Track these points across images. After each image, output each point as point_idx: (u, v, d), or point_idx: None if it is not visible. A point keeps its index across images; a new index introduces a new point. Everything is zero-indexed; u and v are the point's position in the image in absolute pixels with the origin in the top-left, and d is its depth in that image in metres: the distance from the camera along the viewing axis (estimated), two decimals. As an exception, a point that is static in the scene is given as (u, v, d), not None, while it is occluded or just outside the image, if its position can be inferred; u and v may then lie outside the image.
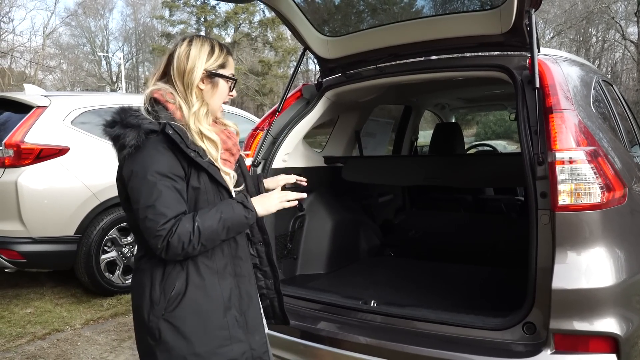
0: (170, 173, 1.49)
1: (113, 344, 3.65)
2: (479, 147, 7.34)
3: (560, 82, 2.09)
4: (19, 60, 31.66)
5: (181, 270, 1.54)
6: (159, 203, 1.45)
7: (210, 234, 1.49)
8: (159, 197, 1.46)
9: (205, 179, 1.55)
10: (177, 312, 1.52)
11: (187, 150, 1.50)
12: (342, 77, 2.90)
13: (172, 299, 1.52)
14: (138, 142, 1.48)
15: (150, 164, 1.48)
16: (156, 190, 1.46)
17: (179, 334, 1.52)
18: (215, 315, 1.55)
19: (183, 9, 31.86)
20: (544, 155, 1.93)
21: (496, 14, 2.33)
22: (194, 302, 1.53)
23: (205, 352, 1.53)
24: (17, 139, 4.17)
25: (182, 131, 1.52)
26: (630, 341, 1.85)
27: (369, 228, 3.70)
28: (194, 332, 1.53)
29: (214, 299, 1.56)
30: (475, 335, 2.02)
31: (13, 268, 4.25)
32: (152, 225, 1.45)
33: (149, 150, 1.49)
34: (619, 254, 1.91)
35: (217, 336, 1.55)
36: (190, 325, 1.53)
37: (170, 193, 1.48)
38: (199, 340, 1.53)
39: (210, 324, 1.54)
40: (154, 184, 1.46)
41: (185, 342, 1.52)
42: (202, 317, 1.54)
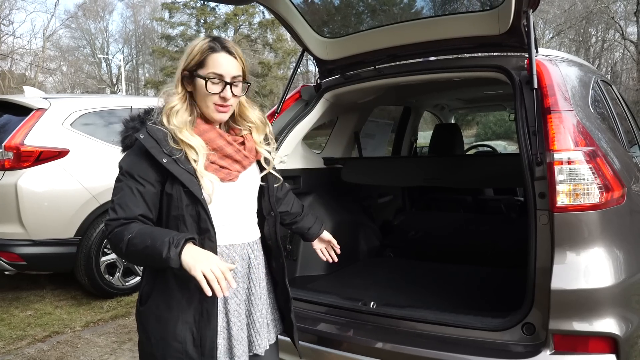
0: (137, 175, 1.52)
1: (113, 346, 3.65)
2: (479, 147, 7.34)
3: (559, 83, 2.09)
4: (19, 62, 31.71)
5: (153, 272, 1.61)
6: (116, 200, 1.53)
7: (134, 252, 1.45)
8: (118, 195, 1.54)
9: (178, 187, 1.52)
10: (145, 310, 1.60)
11: (157, 156, 1.50)
12: (340, 78, 2.90)
13: (143, 295, 1.62)
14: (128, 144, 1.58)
15: (124, 164, 1.56)
16: (118, 188, 1.55)
17: (144, 331, 1.61)
18: (172, 325, 1.55)
19: (183, 11, 31.87)
20: (543, 155, 1.93)
21: (494, 14, 2.33)
22: (156, 306, 1.58)
23: (160, 356, 1.57)
24: (16, 141, 4.18)
25: (159, 135, 1.52)
26: (629, 341, 1.84)
27: (368, 229, 3.70)
28: (153, 334, 1.58)
29: (174, 310, 1.55)
30: (475, 336, 2.02)
31: (13, 270, 4.25)
32: (108, 218, 1.53)
33: (129, 151, 1.58)
34: (618, 254, 1.91)
35: (171, 346, 1.56)
36: (151, 327, 1.59)
37: (129, 194, 1.52)
38: (156, 343, 1.57)
39: (167, 332, 1.56)
40: (119, 181, 1.55)
41: (147, 340, 1.59)
42: (160, 323, 1.57)
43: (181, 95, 1.60)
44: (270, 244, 1.79)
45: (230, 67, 1.59)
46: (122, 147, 1.60)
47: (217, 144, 1.61)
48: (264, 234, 1.78)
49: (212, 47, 1.58)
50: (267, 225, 1.77)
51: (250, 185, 1.73)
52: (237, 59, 1.61)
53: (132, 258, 1.52)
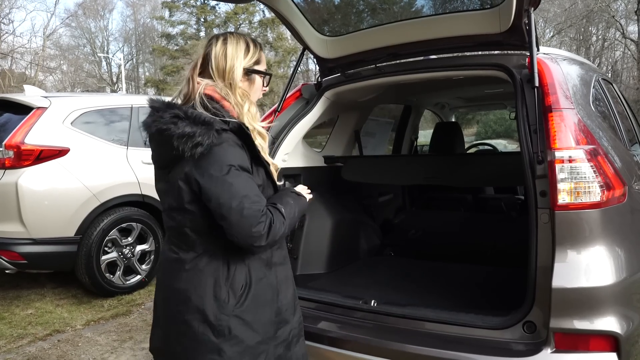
0: (247, 167, 1.54)
1: (114, 345, 3.66)
2: (479, 146, 7.34)
3: (560, 81, 2.09)
4: (19, 61, 31.69)
5: (244, 267, 1.59)
6: (252, 193, 1.49)
7: (291, 220, 1.61)
8: (251, 188, 1.50)
9: (262, 174, 1.62)
10: (245, 307, 1.57)
11: (255, 150, 1.57)
12: (341, 76, 2.90)
13: (240, 296, 1.57)
14: (213, 141, 1.46)
15: (233, 159, 1.49)
16: (246, 182, 1.50)
17: (248, 326, 1.57)
18: (272, 303, 1.64)
19: (183, 10, 31.88)
20: (544, 154, 1.93)
21: (495, 13, 2.33)
22: (257, 294, 1.60)
23: (267, 338, 1.61)
24: (17, 140, 4.18)
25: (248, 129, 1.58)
26: (630, 340, 1.84)
27: (369, 228, 3.70)
28: (258, 322, 1.59)
29: (270, 289, 1.64)
30: (476, 334, 2.02)
31: (14, 269, 4.25)
32: (252, 214, 1.46)
33: (223, 147, 1.49)
34: (619, 252, 1.91)
35: (274, 321, 1.64)
36: (255, 317, 1.59)
37: (254, 185, 1.54)
38: (262, 329, 1.60)
39: (269, 311, 1.63)
40: (240, 176, 1.49)
41: (254, 332, 1.58)
42: (264, 307, 1.62)
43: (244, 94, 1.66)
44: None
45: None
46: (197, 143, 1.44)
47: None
48: None
49: (260, 45, 1.73)
50: None
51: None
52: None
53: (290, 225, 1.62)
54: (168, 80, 32.07)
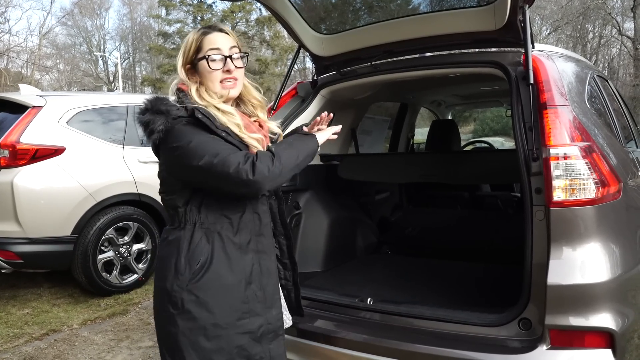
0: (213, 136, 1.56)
1: (111, 344, 3.65)
2: (476, 144, 7.34)
3: (555, 78, 2.09)
4: (15, 60, 31.53)
5: (207, 244, 1.60)
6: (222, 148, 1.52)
7: (287, 158, 1.57)
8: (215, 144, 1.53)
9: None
10: (200, 284, 1.57)
11: (217, 131, 1.56)
12: (337, 74, 2.90)
13: (196, 271, 1.58)
14: (166, 127, 1.54)
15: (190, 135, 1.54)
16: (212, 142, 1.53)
17: (201, 305, 1.57)
18: (237, 288, 1.61)
19: (180, 8, 31.75)
20: (539, 151, 1.93)
21: (490, 10, 2.33)
22: (218, 275, 1.59)
23: (225, 323, 1.59)
24: (12, 139, 4.17)
25: (209, 114, 1.59)
26: (625, 336, 1.85)
27: (365, 226, 3.70)
28: (215, 304, 1.58)
29: (237, 273, 1.61)
30: (472, 331, 2.02)
31: (10, 269, 4.25)
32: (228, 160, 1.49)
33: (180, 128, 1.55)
34: (614, 249, 1.91)
35: (237, 309, 1.60)
36: (212, 297, 1.58)
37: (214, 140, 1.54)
38: (220, 312, 1.58)
39: (231, 297, 1.60)
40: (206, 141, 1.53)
41: (207, 312, 1.57)
42: (224, 290, 1.59)
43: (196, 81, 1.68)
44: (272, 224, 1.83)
45: (225, 41, 1.69)
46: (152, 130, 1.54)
47: (245, 122, 1.69)
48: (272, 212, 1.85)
49: (205, 32, 1.70)
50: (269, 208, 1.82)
51: None
52: (230, 34, 1.72)
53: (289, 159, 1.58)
54: (165, 79, 31.99)
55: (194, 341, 1.58)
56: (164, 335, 1.65)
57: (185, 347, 1.58)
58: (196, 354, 1.57)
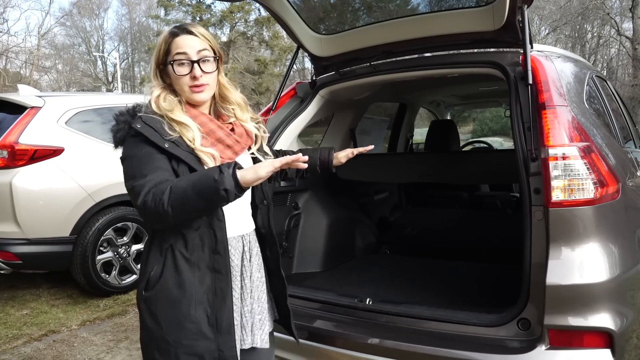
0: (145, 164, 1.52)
1: (110, 345, 3.65)
2: (475, 144, 7.35)
3: (553, 78, 2.09)
4: (14, 61, 31.53)
5: (159, 257, 1.56)
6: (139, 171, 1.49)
7: (181, 193, 1.41)
8: (140, 166, 1.50)
9: (184, 168, 1.54)
10: (152, 295, 1.56)
11: (159, 142, 1.52)
12: (336, 75, 2.90)
13: (149, 282, 1.56)
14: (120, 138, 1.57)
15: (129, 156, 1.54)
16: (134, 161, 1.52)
17: (152, 317, 1.56)
18: (185, 306, 1.54)
19: (178, 8, 31.74)
20: (537, 151, 1.93)
21: (489, 10, 2.33)
22: (167, 289, 1.54)
23: (172, 340, 1.54)
24: (11, 139, 4.16)
25: (155, 122, 1.55)
26: (624, 336, 1.85)
27: (364, 226, 3.70)
28: (164, 319, 1.54)
29: (187, 290, 1.54)
30: (471, 332, 2.02)
31: (8, 269, 4.24)
32: (135, 188, 1.47)
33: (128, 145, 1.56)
34: (613, 249, 1.91)
35: (185, 328, 1.54)
36: (161, 311, 1.55)
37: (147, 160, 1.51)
38: (168, 327, 1.54)
39: (180, 314, 1.54)
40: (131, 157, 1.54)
41: (157, 326, 1.55)
42: (172, 306, 1.54)
43: (162, 86, 1.65)
44: (263, 232, 1.78)
45: (193, 44, 1.61)
46: (114, 141, 1.58)
47: (208, 127, 1.63)
48: (256, 223, 1.77)
49: (174, 33, 1.63)
50: (260, 214, 1.77)
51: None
52: (200, 36, 1.63)
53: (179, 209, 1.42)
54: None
55: (151, 353, 1.58)
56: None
57: (146, 355, 1.62)
58: None
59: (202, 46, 1.62)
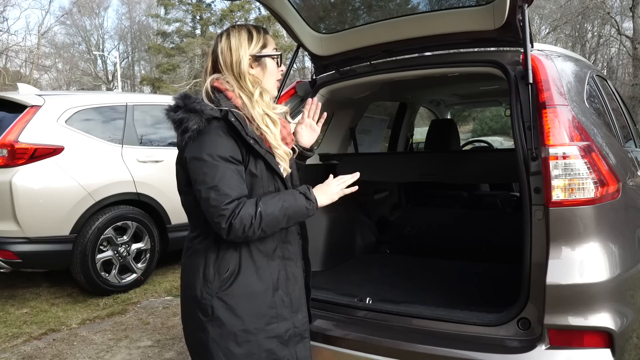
0: (231, 157, 1.55)
1: (109, 344, 3.65)
2: (475, 143, 7.35)
3: (554, 78, 2.09)
4: (14, 59, 31.53)
5: (234, 252, 1.62)
6: (222, 184, 1.52)
7: (271, 220, 1.55)
8: (222, 179, 1.52)
9: (262, 166, 1.61)
10: (230, 291, 1.60)
11: (246, 138, 1.56)
12: (336, 74, 2.89)
13: (225, 279, 1.60)
14: (200, 127, 1.54)
15: (214, 148, 1.54)
16: (219, 172, 1.52)
17: (231, 312, 1.60)
18: (264, 295, 1.63)
19: (178, 7, 31.74)
20: (538, 150, 1.93)
21: (489, 9, 2.33)
22: (247, 282, 1.61)
23: (254, 328, 1.62)
24: (11, 138, 4.17)
25: (242, 119, 1.59)
26: (624, 335, 1.85)
27: (364, 225, 3.70)
28: (244, 310, 1.61)
29: (264, 280, 1.64)
30: (471, 331, 2.02)
31: (8, 268, 4.25)
32: (216, 205, 1.51)
33: (211, 134, 1.55)
34: (613, 248, 1.91)
35: (265, 314, 1.63)
36: (241, 304, 1.60)
37: (232, 175, 1.54)
38: (249, 318, 1.61)
39: (260, 303, 1.63)
40: (216, 167, 1.53)
41: (237, 319, 1.60)
42: (253, 297, 1.62)
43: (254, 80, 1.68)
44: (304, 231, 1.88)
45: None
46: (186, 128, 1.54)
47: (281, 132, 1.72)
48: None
49: (263, 29, 1.73)
50: None
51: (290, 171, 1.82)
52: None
53: (270, 230, 1.58)
54: (164, 78, 31.99)
55: (225, 347, 1.61)
56: (194, 342, 1.68)
57: (216, 353, 1.61)
58: (227, 359, 1.61)
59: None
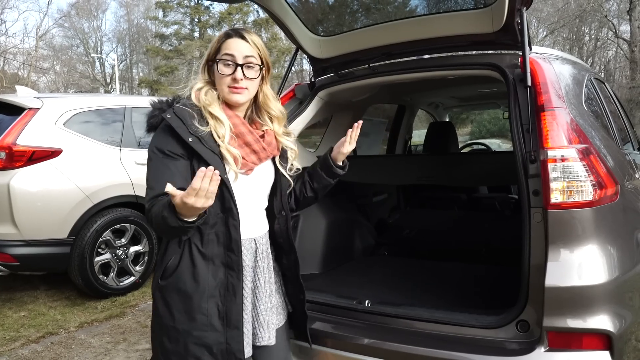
0: (167, 150, 1.59)
1: (107, 347, 3.64)
2: (473, 145, 7.36)
3: (552, 80, 2.09)
4: (11, 62, 31.52)
5: (177, 249, 1.64)
6: (150, 177, 1.59)
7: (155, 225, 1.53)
8: (153, 172, 1.59)
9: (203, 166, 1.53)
10: (166, 284, 1.63)
11: (183, 135, 1.58)
12: (334, 76, 2.90)
13: (166, 271, 1.63)
14: (156, 124, 1.65)
15: (155, 141, 1.62)
16: (152, 165, 1.60)
17: (165, 306, 1.63)
18: (197, 298, 1.61)
19: (177, 10, 31.78)
20: (536, 153, 1.93)
21: (488, 12, 2.33)
22: (181, 281, 1.62)
23: (183, 330, 1.61)
24: (9, 141, 4.16)
25: (185, 115, 1.61)
26: (623, 338, 1.85)
27: (363, 227, 3.70)
28: (176, 308, 1.62)
29: (200, 283, 1.61)
30: (470, 333, 2.02)
31: (6, 271, 4.23)
32: (145, 198, 1.58)
33: (159, 129, 1.64)
34: (612, 251, 1.91)
35: (196, 319, 1.61)
36: (174, 301, 1.63)
37: (164, 169, 1.57)
38: (180, 317, 1.62)
39: (192, 305, 1.61)
40: (151, 159, 1.61)
41: (169, 314, 1.63)
42: (185, 297, 1.61)
43: (206, 80, 1.73)
44: (281, 241, 1.85)
45: (241, 49, 1.68)
46: (147, 126, 1.67)
47: (239, 130, 1.69)
48: (274, 231, 1.83)
49: (228, 34, 1.71)
50: (277, 224, 1.83)
51: (263, 181, 1.79)
52: (250, 43, 1.70)
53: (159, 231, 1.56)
54: (162, 81, 31.98)
55: (160, 339, 1.65)
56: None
57: (154, 340, 1.69)
58: (160, 351, 1.66)
59: (250, 52, 1.69)
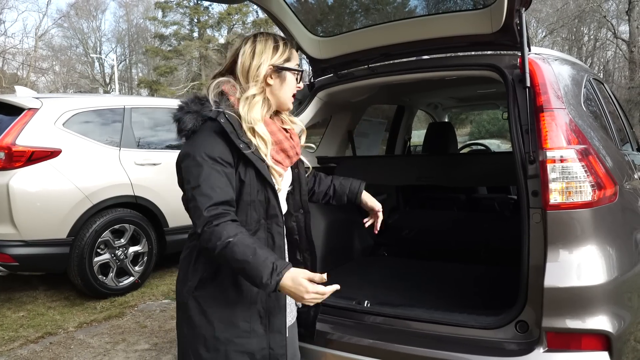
0: (219, 157, 1.54)
1: (107, 347, 3.64)
2: (472, 146, 7.36)
3: (551, 81, 2.10)
4: (11, 62, 31.52)
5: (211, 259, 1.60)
6: (205, 184, 1.50)
7: (230, 259, 1.47)
8: (206, 179, 1.51)
9: (251, 173, 1.58)
10: (204, 294, 1.59)
11: (236, 141, 1.54)
12: (334, 77, 2.90)
13: (202, 280, 1.59)
14: (194, 127, 1.56)
15: (203, 147, 1.53)
16: (204, 172, 1.51)
17: (202, 315, 1.59)
18: (240, 306, 1.60)
19: (176, 10, 31.81)
20: (535, 153, 1.94)
21: (487, 13, 2.33)
22: (222, 288, 1.59)
23: (224, 338, 1.59)
24: (8, 141, 4.16)
25: (235, 121, 1.57)
26: (622, 338, 1.85)
27: (362, 228, 3.69)
28: (217, 317, 1.59)
29: (243, 291, 1.60)
30: (469, 334, 2.02)
31: (5, 271, 4.23)
32: (197, 206, 1.50)
33: (203, 134, 1.55)
34: (611, 251, 1.92)
35: (238, 326, 1.59)
36: (214, 310, 1.59)
37: (217, 176, 1.52)
38: (220, 326, 1.59)
39: (234, 313, 1.59)
40: (202, 166, 1.52)
41: (208, 323, 1.59)
42: (227, 305, 1.59)
43: (261, 88, 1.66)
44: (297, 238, 1.86)
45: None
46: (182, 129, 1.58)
47: (277, 137, 1.68)
48: (289, 229, 1.82)
49: (292, 44, 1.74)
50: (296, 222, 1.84)
51: (287, 184, 1.80)
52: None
53: (222, 260, 1.49)
54: (161, 81, 31.99)
55: (195, 349, 1.60)
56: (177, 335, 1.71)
57: (187, 352, 1.62)
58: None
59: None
